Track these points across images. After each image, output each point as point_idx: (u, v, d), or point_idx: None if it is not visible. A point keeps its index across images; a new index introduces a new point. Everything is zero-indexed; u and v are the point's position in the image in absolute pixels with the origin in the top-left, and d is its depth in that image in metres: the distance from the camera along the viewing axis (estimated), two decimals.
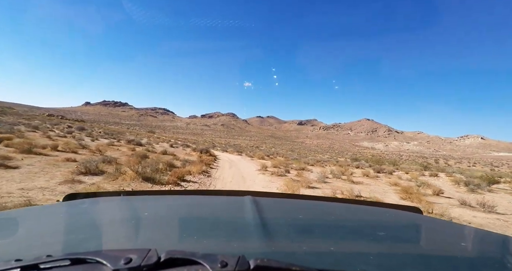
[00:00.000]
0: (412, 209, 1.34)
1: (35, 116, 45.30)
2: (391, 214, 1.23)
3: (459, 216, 6.07)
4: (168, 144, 23.96)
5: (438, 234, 0.98)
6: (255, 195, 1.33)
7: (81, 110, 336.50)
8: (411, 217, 1.21)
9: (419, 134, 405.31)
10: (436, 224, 1.15)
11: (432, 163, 46.48)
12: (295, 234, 0.80)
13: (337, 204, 1.40)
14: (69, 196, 1.25)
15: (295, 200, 1.41)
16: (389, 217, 1.17)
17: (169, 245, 0.69)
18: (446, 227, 1.12)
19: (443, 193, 9.03)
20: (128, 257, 0.45)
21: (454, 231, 1.06)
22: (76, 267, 0.47)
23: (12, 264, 0.46)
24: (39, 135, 15.22)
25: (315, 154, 67.08)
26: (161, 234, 0.78)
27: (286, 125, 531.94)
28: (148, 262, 0.44)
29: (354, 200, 1.50)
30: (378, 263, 0.61)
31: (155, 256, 0.46)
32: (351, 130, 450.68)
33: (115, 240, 0.74)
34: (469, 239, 0.96)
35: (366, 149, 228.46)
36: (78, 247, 0.65)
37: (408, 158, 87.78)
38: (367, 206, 1.39)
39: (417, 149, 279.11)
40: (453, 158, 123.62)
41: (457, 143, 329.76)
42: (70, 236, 0.73)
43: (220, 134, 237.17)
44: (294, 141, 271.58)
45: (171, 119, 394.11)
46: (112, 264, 0.44)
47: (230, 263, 0.44)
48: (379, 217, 1.17)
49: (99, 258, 0.46)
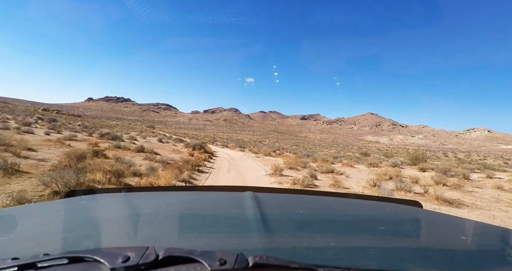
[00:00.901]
0: (412, 202, 1.33)
1: (27, 111, 42.02)
2: (391, 208, 1.22)
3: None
4: (156, 138, 20.32)
5: (438, 228, 0.98)
6: (256, 190, 1.33)
7: (83, 106, 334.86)
8: (411, 211, 1.21)
9: (424, 128, 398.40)
10: (436, 218, 1.15)
11: (453, 157, 42.40)
12: (295, 230, 0.79)
13: (337, 198, 1.39)
14: (69, 193, 1.24)
15: (296, 195, 1.40)
16: (389, 211, 1.17)
17: (168, 242, 0.68)
18: (446, 221, 1.11)
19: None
20: (126, 255, 0.45)
21: (454, 224, 1.06)
22: (73, 266, 0.46)
23: (9, 262, 0.45)
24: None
25: (320, 148, 63.69)
26: (160, 231, 0.77)
27: (289, 120, 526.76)
28: (146, 260, 0.44)
29: (354, 195, 1.44)
30: (379, 257, 0.61)
31: (153, 254, 0.45)
32: (354, 124, 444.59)
33: (114, 237, 0.74)
34: (469, 232, 0.96)
35: (370, 143, 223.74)
36: (76, 245, 0.64)
37: (422, 152, 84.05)
38: (367, 200, 1.39)
39: (423, 142, 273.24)
40: (460, 151, 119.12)
41: (463, 136, 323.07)
42: (68, 234, 0.73)
43: (222, 129, 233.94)
44: (297, 136, 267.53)
45: (174, 115, 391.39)
46: (110, 262, 0.44)
47: (229, 261, 0.43)
48: (379, 211, 1.17)
49: (97, 256, 0.45)
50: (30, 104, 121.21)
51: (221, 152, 19.44)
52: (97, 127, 23.27)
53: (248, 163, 12.67)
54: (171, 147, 15.69)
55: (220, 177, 8.16)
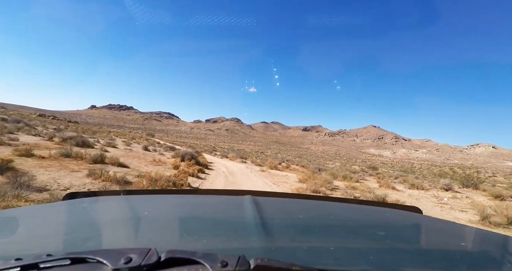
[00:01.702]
0: (412, 208, 1.35)
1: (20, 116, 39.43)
2: (391, 213, 1.23)
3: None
4: (142, 146, 17.26)
5: (437, 234, 0.99)
6: (255, 194, 1.34)
7: (86, 113, 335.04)
8: (411, 217, 1.21)
9: (427, 142, 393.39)
10: (436, 224, 1.15)
11: (463, 173, 38.85)
12: (296, 234, 0.79)
13: (338, 203, 1.40)
14: (69, 195, 1.24)
15: (295, 200, 1.42)
16: (389, 217, 1.17)
17: (169, 244, 0.69)
18: (446, 227, 1.12)
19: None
20: (129, 256, 0.45)
21: (454, 230, 1.06)
22: (76, 267, 0.46)
23: (12, 263, 0.46)
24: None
25: (324, 160, 60.36)
26: (161, 233, 0.78)
27: (291, 131, 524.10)
28: (148, 262, 0.44)
29: (354, 200, 1.49)
30: (379, 262, 0.61)
31: (155, 256, 0.45)
32: (357, 137, 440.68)
33: (116, 239, 0.74)
34: (469, 239, 0.97)
35: (373, 156, 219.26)
36: (78, 246, 0.65)
37: (428, 167, 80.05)
38: (367, 205, 1.40)
39: (427, 156, 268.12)
40: (466, 167, 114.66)
41: (468, 151, 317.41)
42: (70, 235, 0.73)
43: (224, 139, 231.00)
44: (299, 147, 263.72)
45: (176, 124, 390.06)
46: (112, 264, 0.44)
47: (231, 263, 0.44)
48: (379, 216, 1.18)
49: (99, 258, 0.46)
50: (34, 111, 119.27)
51: (218, 163, 16.32)
52: (79, 132, 20.36)
53: (252, 181, 9.54)
54: (154, 157, 12.60)
55: None
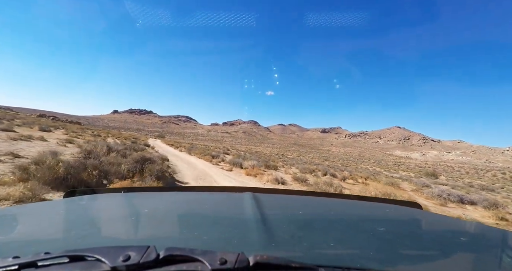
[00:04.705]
0: (411, 204, 1.35)
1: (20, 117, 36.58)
2: (391, 209, 1.23)
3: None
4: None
5: (437, 229, 0.99)
6: (255, 191, 1.34)
7: (108, 118, 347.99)
8: (411, 212, 1.21)
9: (460, 143, 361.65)
10: (436, 219, 1.15)
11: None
12: (295, 230, 0.79)
13: (337, 199, 1.40)
14: (69, 193, 1.25)
15: (295, 196, 1.42)
16: (389, 212, 1.17)
17: (168, 241, 0.68)
18: (445, 222, 1.12)
19: None
20: (127, 254, 0.45)
21: (454, 226, 1.07)
22: (74, 264, 0.46)
23: (10, 261, 0.45)
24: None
25: (354, 163, 52.78)
26: (160, 230, 0.78)
27: (309, 133, 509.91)
28: (147, 259, 0.44)
29: (354, 196, 1.48)
30: (378, 257, 0.61)
31: (154, 253, 0.45)
32: (380, 138, 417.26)
33: (114, 237, 0.74)
34: (469, 234, 0.96)
35: (401, 158, 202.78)
36: (77, 244, 0.64)
37: (482, 172, 68.54)
38: (367, 201, 1.40)
39: (464, 159, 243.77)
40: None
41: (509, 153, 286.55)
42: (69, 233, 0.73)
43: (241, 141, 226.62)
44: (319, 149, 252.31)
45: (193, 127, 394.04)
46: (111, 261, 0.44)
47: (230, 260, 0.43)
48: (379, 212, 1.17)
49: (98, 255, 0.45)
50: (66, 117, 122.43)
51: (221, 175, 10.02)
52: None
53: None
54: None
55: None
